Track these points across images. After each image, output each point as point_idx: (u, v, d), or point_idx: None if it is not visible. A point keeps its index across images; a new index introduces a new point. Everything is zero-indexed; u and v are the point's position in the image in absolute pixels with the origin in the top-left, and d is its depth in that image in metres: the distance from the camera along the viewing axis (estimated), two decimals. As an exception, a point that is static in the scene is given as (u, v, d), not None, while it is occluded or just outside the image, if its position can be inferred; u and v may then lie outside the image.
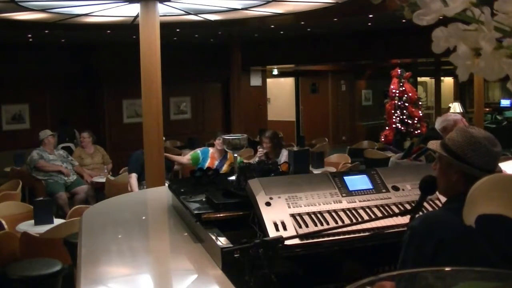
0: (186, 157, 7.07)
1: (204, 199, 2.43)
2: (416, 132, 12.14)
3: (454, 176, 1.86)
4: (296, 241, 2.01)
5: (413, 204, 2.18)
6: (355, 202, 2.28)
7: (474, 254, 1.67)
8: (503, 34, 0.76)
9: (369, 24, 10.01)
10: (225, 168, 6.51)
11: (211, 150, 6.82)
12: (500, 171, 1.90)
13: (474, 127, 1.95)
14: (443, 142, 1.91)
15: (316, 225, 2.11)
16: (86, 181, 8.11)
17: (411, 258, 1.77)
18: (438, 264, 1.68)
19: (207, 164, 6.54)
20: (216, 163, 6.62)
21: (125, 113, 12.21)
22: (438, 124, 4.81)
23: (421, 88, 19.71)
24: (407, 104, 12.25)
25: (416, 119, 12.29)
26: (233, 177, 2.66)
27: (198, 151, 6.98)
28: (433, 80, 18.05)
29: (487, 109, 16.70)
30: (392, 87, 12.38)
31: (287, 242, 1.96)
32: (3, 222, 4.95)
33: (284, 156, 6.56)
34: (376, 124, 15.32)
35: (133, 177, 6.83)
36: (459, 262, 0.86)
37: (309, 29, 10.82)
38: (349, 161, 8.54)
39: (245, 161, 2.75)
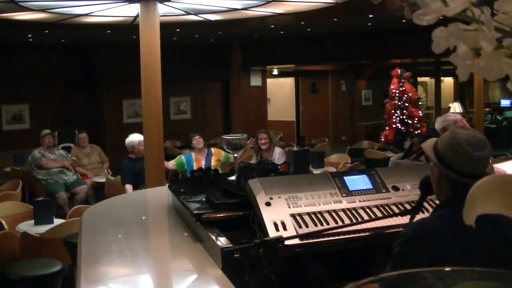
0: (171, 163, 7.07)
1: (204, 199, 2.43)
2: (416, 132, 12.14)
3: (437, 177, 1.83)
4: (296, 241, 2.01)
5: (413, 204, 2.18)
6: (355, 202, 2.28)
7: (470, 264, 1.66)
8: (503, 34, 0.76)
9: (369, 24, 10.01)
10: (213, 163, 6.63)
11: (193, 154, 6.91)
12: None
13: (471, 129, 1.90)
14: (435, 142, 1.87)
15: (316, 225, 2.11)
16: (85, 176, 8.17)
17: (404, 265, 1.72)
18: None
19: (194, 165, 6.64)
20: (203, 163, 6.69)
21: (125, 113, 12.21)
22: (438, 124, 4.81)
23: (421, 88, 19.71)
24: (407, 104, 12.26)
25: (416, 119, 12.30)
26: (233, 177, 2.66)
27: (182, 156, 7.08)
28: (433, 80, 18.06)
29: (487, 109, 16.70)
30: (392, 87, 12.38)
31: (287, 242, 1.96)
32: (3, 222, 4.95)
33: (276, 154, 6.64)
34: (376, 124, 15.32)
35: (128, 188, 6.78)
36: None
37: (309, 29, 10.82)
38: (349, 161, 8.54)
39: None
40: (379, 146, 11.41)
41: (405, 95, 12.27)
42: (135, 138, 7.01)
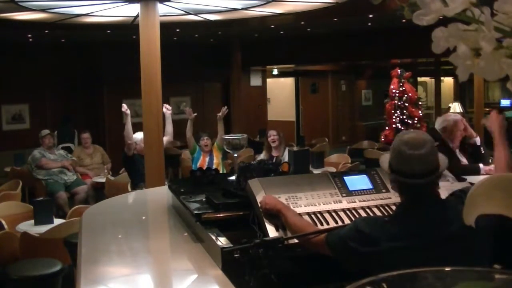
0: (191, 139, 7.20)
1: (204, 199, 2.43)
2: (416, 132, 12.11)
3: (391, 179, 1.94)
4: (296, 241, 2.02)
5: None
6: (355, 202, 2.28)
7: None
8: (503, 34, 0.76)
9: (369, 24, 10.01)
10: (215, 161, 6.75)
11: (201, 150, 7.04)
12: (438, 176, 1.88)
13: (417, 131, 1.94)
14: None
15: (316, 225, 2.11)
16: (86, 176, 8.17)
17: (347, 244, 1.84)
18: (372, 265, 1.76)
19: (200, 160, 6.73)
20: (207, 159, 6.83)
21: (125, 113, 12.19)
22: (438, 124, 4.81)
23: (421, 88, 19.70)
24: (407, 104, 12.25)
25: (416, 119, 12.28)
26: (233, 177, 2.66)
27: (197, 146, 7.16)
28: (433, 80, 18.05)
29: (487, 109, 16.67)
30: (392, 87, 12.37)
31: (287, 242, 1.96)
32: (3, 222, 4.95)
33: (287, 154, 6.71)
34: (376, 124, 15.32)
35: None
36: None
37: (309, 29, 10.82)
38: (349, 161, 8.54)
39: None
40: (379, 146, 11.40)
41: (405, 95, 12.26)
42: (138, 135, 7.06)
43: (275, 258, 1.81)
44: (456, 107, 16.17)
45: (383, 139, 12.30)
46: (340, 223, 2.14)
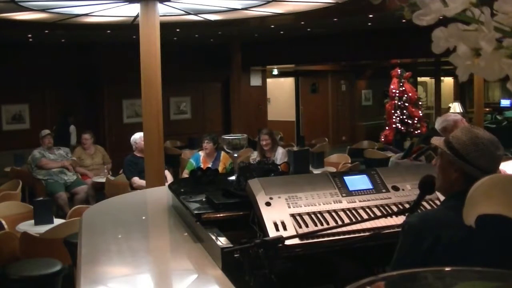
0: (185, 173, 7.11)
1: (204, 199, 2.43)
2: (416, 132, 12.15)
3: (454, 174, 1.86)
4: (296, 241, 2.01)
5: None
6: (355, 202, 2.28)
7: (470, 257, 1.66)
8: (503, 34, 0.76)
9: (369, 24, 10.01)
10: (219, 169, 6.52)
11: (201, 154, 6.79)
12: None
13: (479, 128, 1.94)
14: (447, 139, 1.91)
15: (316, 225, 2.11)
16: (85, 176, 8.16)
17: (407, 254, 1.78)
18: (433, 262, 1.69)
19: (201, 164, 6.60)
20: (210, 163, 6.63)
21: (125, 113, 12.20)
22: (438, 124, 4.80)
23: (421, 88, 19.70)
24: (407, 104, 12.27)
25: (416, 119, 12.31)
26: (233, 177, 2.66)
27: (191, 160, 7.00)
28: (433, 80, 18.06)
29: (487, 109, 16.69)
30: (392, 87, 12.39)
31: (287, 242, 1.96)
32: (3, 222, 4.95)
33: (279, 154, 6.65)
34: (376, 124, 15.33)
35: (136, 180, 6.85)
36: (454, 263, 0.86)
37: (309, 29, 10.82)
38: (349, 161, 8.54)
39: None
40: (379, 146, 11.41)
41: (405, 95, 12.28)
42: (136, 135, 7.11)
43: (275, 258, 1.81)
44: (456, 107, 16.18)
45: (383, 139, 12.31)
46: (340, 223, 2.13)
